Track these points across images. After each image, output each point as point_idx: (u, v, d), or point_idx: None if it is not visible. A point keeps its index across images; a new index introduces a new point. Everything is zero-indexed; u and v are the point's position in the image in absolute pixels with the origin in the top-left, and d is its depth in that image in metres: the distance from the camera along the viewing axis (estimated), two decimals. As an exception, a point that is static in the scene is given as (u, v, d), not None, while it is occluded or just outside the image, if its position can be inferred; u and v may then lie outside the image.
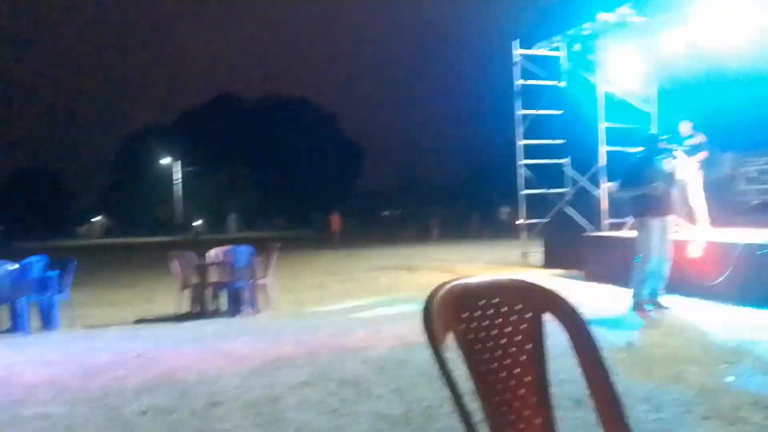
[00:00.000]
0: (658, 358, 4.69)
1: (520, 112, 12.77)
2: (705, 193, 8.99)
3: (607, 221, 10.52)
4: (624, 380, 4.07)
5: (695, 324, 5.97)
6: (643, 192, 6.52)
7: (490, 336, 1.61)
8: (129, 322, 7.95)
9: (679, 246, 7.35)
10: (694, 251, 7.40)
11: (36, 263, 7.82)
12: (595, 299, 7.51)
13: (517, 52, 12.62)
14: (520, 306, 1.67)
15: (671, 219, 6.84)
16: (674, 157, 7.02)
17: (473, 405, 1.50)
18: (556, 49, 12.12)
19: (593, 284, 8.91)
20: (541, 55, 12.55)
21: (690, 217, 9.05)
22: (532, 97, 12.99)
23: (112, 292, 11.66)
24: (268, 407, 4.00)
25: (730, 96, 9.71)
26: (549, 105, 12.76)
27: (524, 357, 1.64)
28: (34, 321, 7.57)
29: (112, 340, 6.70)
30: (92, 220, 76.04)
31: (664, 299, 6.76)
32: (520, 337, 1.65)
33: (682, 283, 7.19)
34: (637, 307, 6.61)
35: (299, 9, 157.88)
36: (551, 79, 12.55)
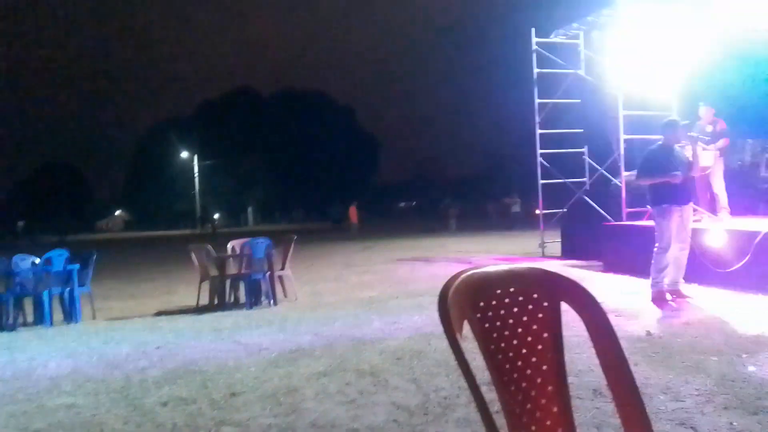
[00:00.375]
0: (677, 348, 4.64)
1: (538, 101, 12.66)
2: (726, 181, 8.87)
3: (626, 211, 10.41)
4: (643, 370, 4.05)
5: (715, 313, 5.90)
6: (663, 180, 6.44)
7: (506, 325, 1.61)
8: (149, 314, 8.04)
9: (699, 234, 7.27)
10: (715, 240, 7.31)
11: (58, 257, 7.94)
12: (613, 289, 7.46)
13: (535, 40, 12.49)
14: (536, 295, 1.66)
15: (690, 207, 6.75)
16: (695, 145, 6.92)
17: (491, 395, 1.50)
18: (575, 37, 11.98)
19: (611, 275, 8.85)
20: (559, 43, 12.41)
21: (710, 205, 8.94)
22: (549, 86, 12.86)
23: (132, 285, 11.81)
24: (287, 397, 4.03)
25: (752, 82, 9.55)
26: (567, 94, 12.61)
27: (541, 346, 1.63)
28: (57, 314, 7.69)
29: (133, 332, 6.79)
30: (114, 213, 76.92)
31: (685, 288, 6.70)
32: (536, 327, 1.64)
33: (702, 272, 7.12)
34: (656, 296, 6.55)
35: (316, 2, 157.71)
36: (569, 68, 12.42)
